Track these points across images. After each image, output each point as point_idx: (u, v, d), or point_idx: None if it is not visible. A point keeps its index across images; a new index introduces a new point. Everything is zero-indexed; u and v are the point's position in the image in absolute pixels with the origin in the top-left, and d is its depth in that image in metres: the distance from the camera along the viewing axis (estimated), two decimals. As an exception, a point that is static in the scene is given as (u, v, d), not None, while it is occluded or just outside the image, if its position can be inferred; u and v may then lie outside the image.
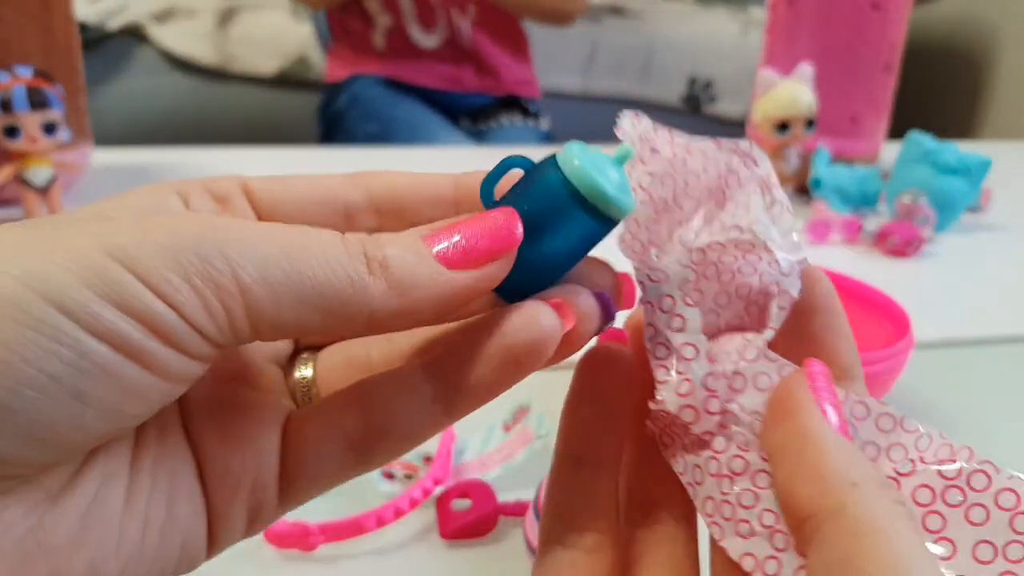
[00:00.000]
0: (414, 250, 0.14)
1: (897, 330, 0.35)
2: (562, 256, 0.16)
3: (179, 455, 0.15)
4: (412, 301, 0.14)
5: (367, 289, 0.13)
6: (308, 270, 0.13)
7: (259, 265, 0.13)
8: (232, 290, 0.12)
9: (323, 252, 0.13)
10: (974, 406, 0.40)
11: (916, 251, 0.60)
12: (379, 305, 0.14)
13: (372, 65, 1.12)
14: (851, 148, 0.77)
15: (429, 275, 0.14)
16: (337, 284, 0.13)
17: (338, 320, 0.13)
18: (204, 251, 0.12)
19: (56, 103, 0.57)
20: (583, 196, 0.15)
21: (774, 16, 0.76)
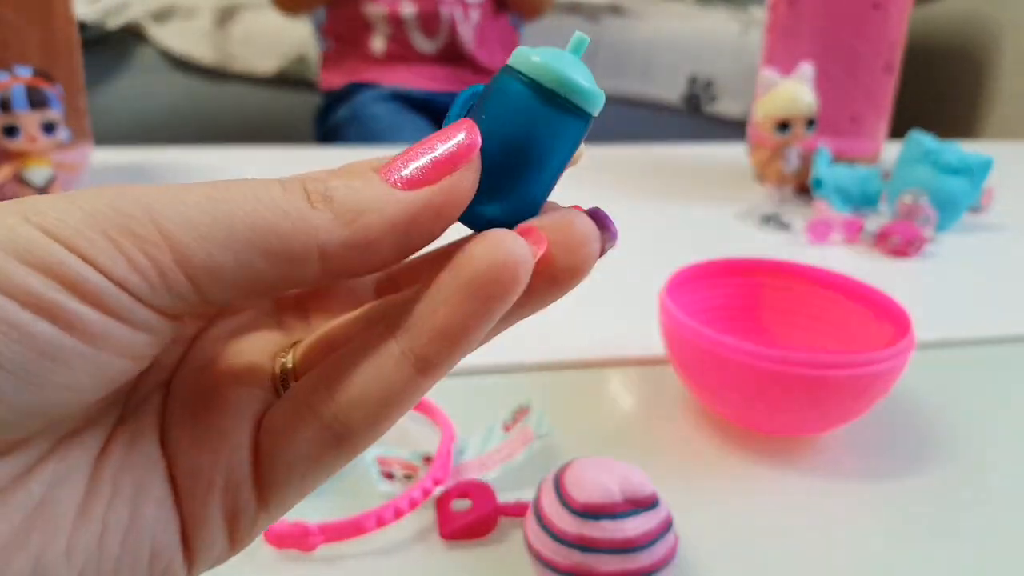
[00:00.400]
0: (362, 178, 0.13)
1: (898, 330, 0.35)
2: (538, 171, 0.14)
3: (148, 461, 0.14)
4: (363, 228, 0.13)
5: (308, 220, 0.12)
6: (237, 209, 0.12)
7: (181, 211, 0.12)
8: (154, 238, 0.12)
9: (252, 191, 0.12)
10: (975, 406, 0.40)
11: (917, 251, 0.60)
12: (326, 237, 0.12)
13: (370, 71, 1.11)
14: (852, 148, 0.76)
15: (378, 198, 0.13)
16: (271, 218, 0.12)
17: (285, 262, 0.12)
18: (120, 204, 0.12)
19: (55, 103, 0.57)
20: (553, 91, 0.13)
21: (774, 15, 0.76)
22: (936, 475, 0.34)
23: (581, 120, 0.14)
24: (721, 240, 0.63)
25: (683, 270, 0.39)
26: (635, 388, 0.41)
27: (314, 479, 0.15)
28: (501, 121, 0.14)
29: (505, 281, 0.13)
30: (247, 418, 0.15)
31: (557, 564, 0.25)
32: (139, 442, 0.14)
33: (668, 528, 0.26)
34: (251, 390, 0.16)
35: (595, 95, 0.14)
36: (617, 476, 0.26)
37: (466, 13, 1.10)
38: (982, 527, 0.31)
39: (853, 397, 0.32)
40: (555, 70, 0.13)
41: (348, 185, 0.13)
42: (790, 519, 0.31)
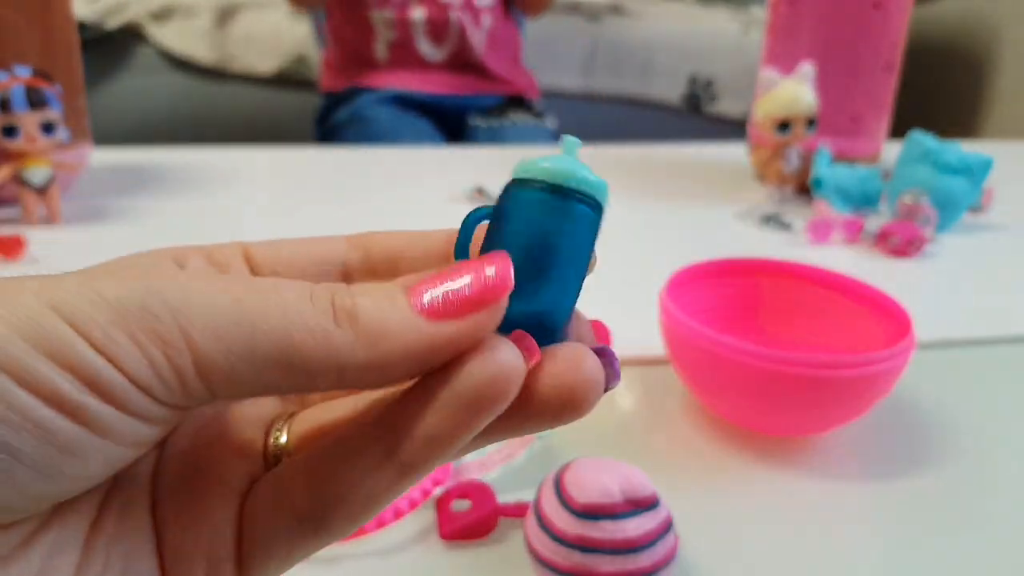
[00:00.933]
0: (390, 299, 0.13)
1: (898, 330, 0.35)
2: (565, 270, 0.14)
3: (138, 532, 0.14)
4: (384, 354, 0.13)
5: (331, 341, 0.12)
6: (263, 322, 0.12)
7: (208, 317, 0.12)
8: (178, 345, 0.12)
9: (282, 302, 0.12)
10: (976, 407, 0.40)
11: (917, 251, 0.60)
12: (346, 359, 0.12)
13: (372, 75, 1.10)
14: (852, 148, 0.76)
15: (402, 325, 0.13)
16: (296, 336, 0.12)
17: (304, 376, 0.12)
18: (148, 303, 0.12)
19: (55, 103, 0.57)
20: (569, 188, 0.14)
21: (775, 15, 0.76)
22: (936, 475, 0.34)
23: (595, 213, 0.15)
24: (721, 240, 0.63)
25: (683, 270, 0.39)
26: (635, 388, 0.41)
27: (291, 561, 0.15)
28: (522, 229, 0.14)
29: (497, 395, 0.13)
30: (233, 495, 0.15)
31: (557, 565, 0.25)
32: (131, 512, 0.14)
33: (668, 528, 0.26)
34: (240, 464, 0.15)
35: (604, 185, 0.15)
36: (617, 476, 0.26)
37: (477, 18, 1.10)
38: (982, 527, 0.31)
39: (853, 397, 0.32)
40: (566, 170, 0.14)
41: (375, 306, 0.13)
42: (790, 519, 0.31)
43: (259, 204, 0.67)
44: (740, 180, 0.78)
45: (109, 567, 0.13)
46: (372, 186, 0.73)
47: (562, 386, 0.14)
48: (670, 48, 1.58)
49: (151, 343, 0.12)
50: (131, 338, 0.11)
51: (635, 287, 0.50)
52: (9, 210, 0.60)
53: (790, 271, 0.40)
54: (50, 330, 0.11)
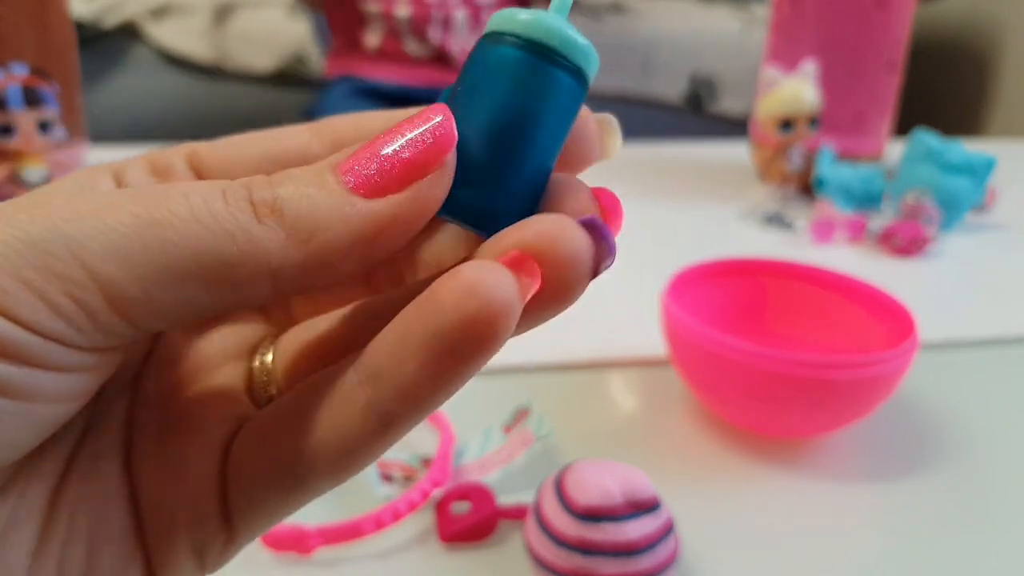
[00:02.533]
0: (317, 183, 0.11)
1: (902, 330, 0.35)
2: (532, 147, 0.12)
3: (108, 491, 0.13)
4: (320, 248, 0.11)
5: (257, 243, 0.11)
6: (172, 234, 0.10)
7: (109, 241, 0.10)
8: (80, 279, 0.10)
9: (190, 207, 0.10)
10: (980, 408, 0.39)
11: (921, 250, 0.60)
12: (279, 260, 0.11)
13: (363, 65, 1.13)
14: (855, 146, 0.76)
15: (335, 211, 0.11)
16: (213, 243, 0.10)
17: (231, 288, 0.11)
18: (39, 239, 0.10)
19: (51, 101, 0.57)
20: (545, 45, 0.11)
21: (777, 13, 0.76)
22: (940, 476, 0.34)
23: (578, 84, 0.12)
24: (723, 240, 0.62)
25: (685, 270, 0.39)
26: (636, 389, 0.40)
27: (278, 516, 0.13)
28: (484, 91, 0.12)
29: (483, 338, 0.11)
30: (216, 443, 0.13)
31: (558, 567, 0.25)
32: (99, 469, 0.13)
33: (670, 531, 0.26)
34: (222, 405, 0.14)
35: (591, 51, 0.12)
36: (618, 478, 0.26)
37: (477, 16, 1.10)
38: (987, 529, 0.31)
39: (857, 398, 0.32)
40: (548, 26, 0.12)
41: (301, 194, 0.11)
42: (793, 521, 0.31)
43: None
44: (742, 179, 0.78)
45: (74, 531, 0.12)
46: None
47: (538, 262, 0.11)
48: (671, 46, 1.57)
49: (48, 284, 0.10)
50: (22, 282, 0.10)
51: (636, 287, 0.49)
52: (6, 209, 0.60)
53: (793, 271, 0.40)
54: None
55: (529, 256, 0.11)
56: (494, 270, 0.11)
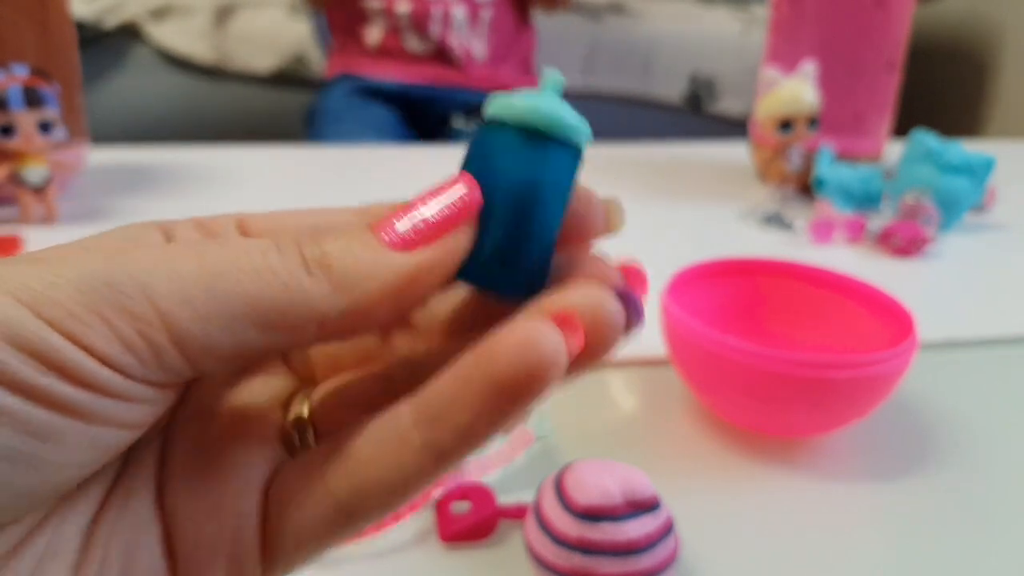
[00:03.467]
0: (360, 241, 0.13)
1: (901, 330, 0.35)
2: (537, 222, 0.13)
3: (141, 520, 0.13)
4: (361, 297, 0.12)
5: (307, 292, 0.12)
6: (234, 284, 0.12)
7: (176, 285, 0.11)
8: (149, 318, 0.11)
9: (249, 260, 0.12)
10: (980, 407, 0.39)
11: (920, 251, 0.60)
12: (326, 308, 0.12)
13: (363, 63, 1.13)
14: (854, 147, 0.76)
15: (376, 264, 0.12)
16: (270, 293, 0.12)
17: (284, 333, 0.12)
18: (114, 279, 0.11)
19: (52, 102, 0.57)
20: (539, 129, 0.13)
21: (776, 14, 0.76)
22: (939, 476, 0.34)
23: (574, 158, 0.14)
24: (723, 240, 0.62)
25: (684, 270, 0.39)
26: (636, 389, 0.40)
27: (323, 551, 0.14)
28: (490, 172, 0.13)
29: (536, 386, 0.12)
30: (255, 481, 0.14)
31: (558, 567, 0.25)
32: (133, 500, 0.14)
33: (670, 530, 0.26)
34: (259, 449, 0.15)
35: (581, 127, 0.14)
36: (618, 478, 0.26)
37: (475, 13, 1.10)
38: (986, 529, 0.31)
39: (856, 398, 0.32)
40: (542, 111, 0.13)
41: (345, 249, 0.12)
42: (793, 521, 0.31)
43: (258, 203, 0.67)
44: (742, 180, 0.78)
45: (108, 566, 0.13)
46: (373, 184, 0.72)
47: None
48: (671, 47, 1.58)
49: (120, 320, 0.11)
50: (98, 316, 0.11)
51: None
52: (6, 210, 0.60)
53: (792, 271, 0.40)
54: (11, 316, 0.11)
55: (576, 318, 0.13)
56: (547, 328, 0.12)
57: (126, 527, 0.13)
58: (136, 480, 0.14)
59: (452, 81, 1.13)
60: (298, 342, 0.12)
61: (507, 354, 0.12)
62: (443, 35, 1.10)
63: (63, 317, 0.11)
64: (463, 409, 0.12)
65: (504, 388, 0.12)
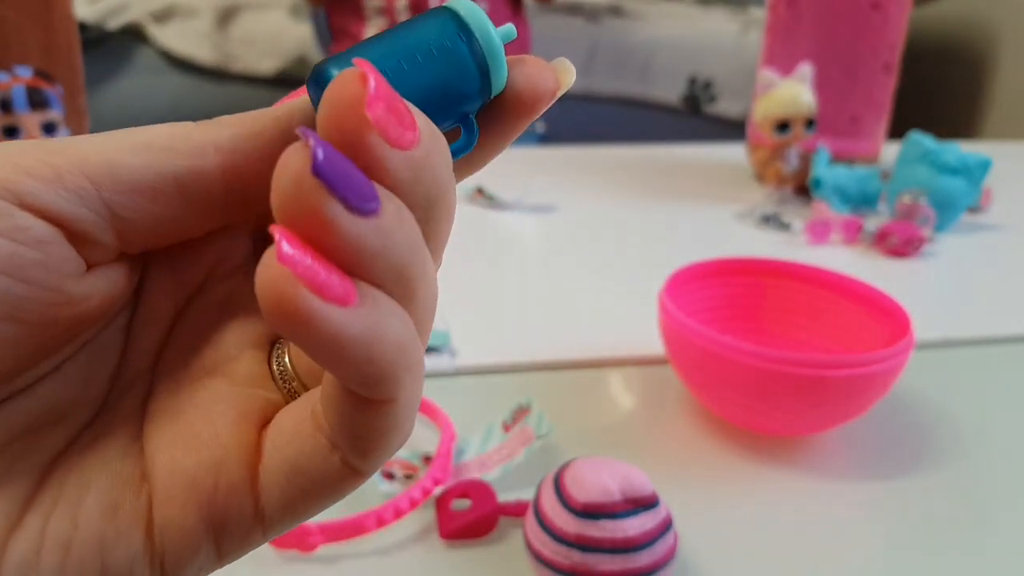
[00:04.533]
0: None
1: (897, 330, 0.35)
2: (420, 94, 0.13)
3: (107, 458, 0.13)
4: (247, 117, 0.14)
5: (201, 126, 0.14)
6: (136, 130, 0.14)
7: (95, 139, 0.13)
8: (52, 146, 0.12)
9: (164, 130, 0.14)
10: (975, 406, 0.40)
11: (916, 251, 0.60)
12: (217, 134, 0.14)
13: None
14: (851, 148, 0.76)
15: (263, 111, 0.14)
16: (169, 128, 0.14)
17: (183, 155, 0.13)
18: (19, 144, 0.12)
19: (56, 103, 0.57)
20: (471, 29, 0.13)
21: (774, 16, 0.76)
22: (935, 474, 0.34)
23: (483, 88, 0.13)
24: (720, 240, 0.63)
25: (682, 270, 0.39)
26: (635, 388, 0.41)
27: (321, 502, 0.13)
28: (408, 31, 0.13)
29: (294, 321, 0.10)
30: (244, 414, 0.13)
31: (557, 564, 0.25)
32: (103, 439, 0.13)
33: (668, 527, 0.26)
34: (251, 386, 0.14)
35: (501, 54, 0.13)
36: (617, 476, 0.26)
37: None
38: (982, 526, 0.31)
39: (852, 397, 0.32)
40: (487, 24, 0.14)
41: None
42: (789, 519, 0.31)
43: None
44: (739, 180, 0.79)
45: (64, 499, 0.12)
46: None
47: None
48: (669, 49, 1.58)
49: (32, 159, 0.12)
50: (13, 164, 0.12)
51: (634, 287, 0.50)
52: (10, 210, 0.60)
53: (789, 271, 0.40)
54: None
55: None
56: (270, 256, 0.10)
57: (93, 460, 0.13)
58: (114, 418, 0.13)
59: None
60: (202, 167, 0.13)
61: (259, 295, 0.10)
62: None
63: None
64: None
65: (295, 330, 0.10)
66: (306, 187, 0.10)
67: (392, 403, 0.11)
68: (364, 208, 0.10)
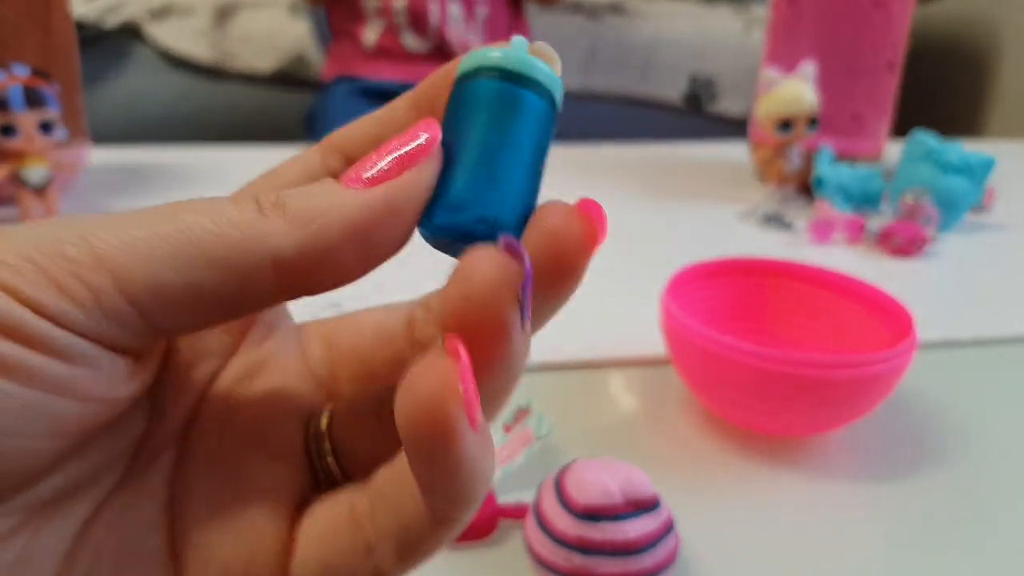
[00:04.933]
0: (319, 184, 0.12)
1: (900, 330, 0.35)
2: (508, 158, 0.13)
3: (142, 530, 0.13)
4: (319, 231, 0.11)
5: (261, 229, 0.11)
6: (181, 226, 0.11)
7: (119, 232, 0.11)
8: (88, 261, 0.10)
9: (197, 208, 0.11)
10: (979, 407, 0.40)
11: (919, 251, 0.60)
12: (278, 242, 0.11)
13: (359, 65, 1.13)
14: (854, 147, 0.76)
15: (333, 199, 0.12)
16: (220, 231, 0.11)
17: (236, 273, 0.11)
18: (54, 231, 0.11)
19: (53, 102, 0.57)
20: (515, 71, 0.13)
21: (776, 14, 0.76)
22: (939, 475, 0.34)
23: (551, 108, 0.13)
24: (722, 240, 0.63)
25: (684, 270, 0.39)
26: (636, 388, 0.40)
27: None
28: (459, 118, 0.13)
29: (438, 433, 0.10)
30: (280, 504, 0.13)
31: (557, 566, 0.25)
32: (137, 505, 0.13)
33: (669, 530, 0.26)
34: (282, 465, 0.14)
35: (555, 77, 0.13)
36: (618, 477, 0.26)
37: (471, 9, 1.10)
38: (986, 527, 0.31)
39: (856, 397, 0.32)
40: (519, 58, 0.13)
41: (302, 191, 0.12)
42: (792, 520, 0.31)
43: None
44: (741, 180, 0.78)
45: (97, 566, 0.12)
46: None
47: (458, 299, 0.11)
48: (671, 47, 1.58)
49: (55, 264, 0.10)
50: (30, 262, 0.10)
51: (636, 287, 0.50)
52: (7, 210, 0.60)
53: (792, 271, 0.40)
54: None
55: (452, 337, 0.11)
56: (429, 367, 0.11)
57: (123, 534, 0.13)
58: (144, 485, 0.13)
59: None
60: (256, 287, 0.11)
61: (401, 408, 0.11)
62: (441, 31, 1.10)
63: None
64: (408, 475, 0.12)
65: (417, 446, 0.11)
66: (504, 297, 0.11)
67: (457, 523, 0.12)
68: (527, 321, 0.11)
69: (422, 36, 1.10)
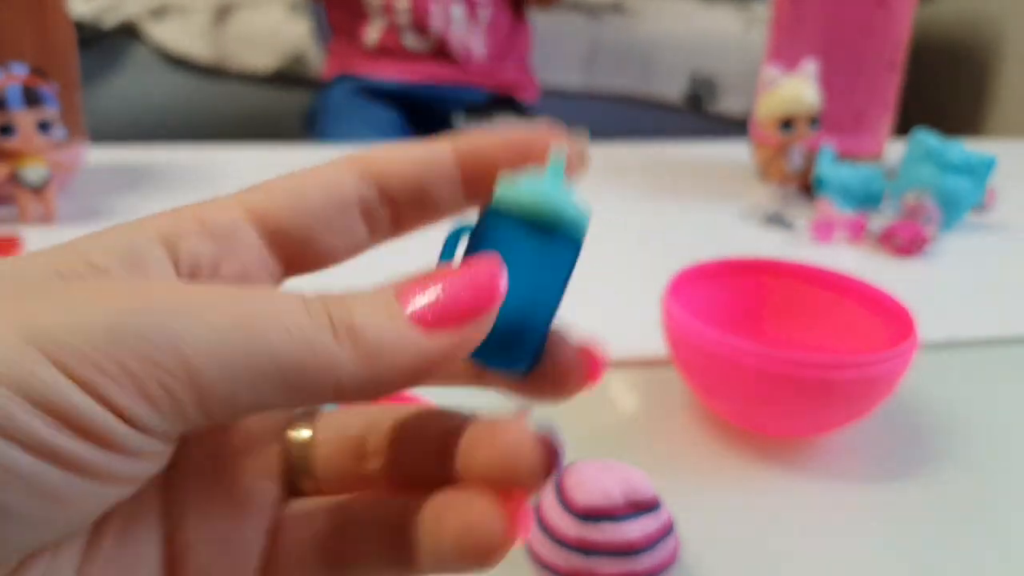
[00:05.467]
0: (387, 312, 0.13)
1: (901, 330, 0.35)
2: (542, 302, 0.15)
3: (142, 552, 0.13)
4: (383, 370, 0.12)
5: (334, 359, 0.12)
6: (266, 344, 0.11)
7: (208, 341, 0.11)
8: (177, 372, 0.11)
9: (282, 320, 0.12)
10: (980, 407, 0.39)
11: (920, 250, 0.60)
12: (348, 373, 0.12)
13: (361, 64, 1.13)
14: (855, 146, 0.76)
15: (401, 341, 0.12)
16: (299, 356, 0.12)
17: (301, 395, 0.12)
18: (142, 328, 0.11)
19: (51, 101, 0.57)
20: (547, 224, 0.14)
21: (777, 13, 0.76)
22: (940, 476, 0.34)
23: (573, 249, 0.15)
24: (724, 239, 0.62)
25: (686, 270, 0.38)
26: (637, 389, 0.40)
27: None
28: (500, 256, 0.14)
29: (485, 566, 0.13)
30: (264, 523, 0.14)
31: (558, 567, 0.25)
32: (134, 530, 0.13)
33: (670, 531, 0.26)
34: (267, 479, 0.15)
35: (583, 218, 0.15)
36: (618, 478, 0.26)
37: (473, 10, 1.10)
38: (987, 528, 0.31)
39: (857, 398, 0.32)
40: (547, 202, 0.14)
41: (373, 320, 0.13)
42: (793, 521, 0.31)
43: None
44: (742, 179, 0.78)
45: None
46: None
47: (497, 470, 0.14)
48: (672, 46, 1.57)
49: (145, 371, 0.11)
50: (122, 367, 0.11)
51: (637, 287, 0.49)
52: (5, 209, 0.60)
53: (793, 271, 0.40)
54: (29, 368, 0.10)
55: (515, 497, 0.15)
56: (485, 515, 0.14)
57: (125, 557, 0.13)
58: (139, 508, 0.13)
59: (452, 79, 1.13)
60: (312, 403, 0.13)
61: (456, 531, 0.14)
62: (443, 32, 1.10)
63: (83, 367, 0.10)
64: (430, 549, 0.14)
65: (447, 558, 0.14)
66: (538, 480, 0.14)
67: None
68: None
69: (423, 36, 1.10)
